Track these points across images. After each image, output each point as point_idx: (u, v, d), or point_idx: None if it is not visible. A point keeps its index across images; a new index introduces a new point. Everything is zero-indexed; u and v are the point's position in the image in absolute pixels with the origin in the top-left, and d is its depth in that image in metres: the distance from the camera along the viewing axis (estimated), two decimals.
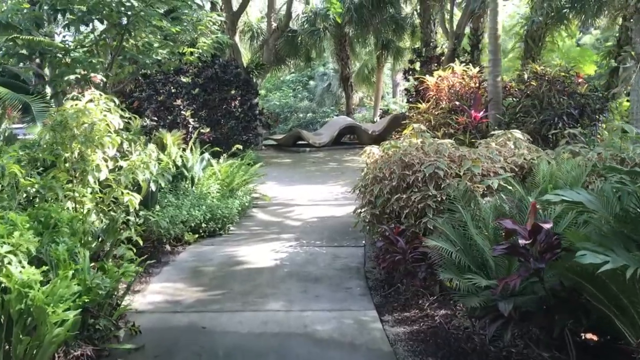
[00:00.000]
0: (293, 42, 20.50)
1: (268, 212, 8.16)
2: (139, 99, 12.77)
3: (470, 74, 9.08)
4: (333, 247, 6.24)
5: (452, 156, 5.04)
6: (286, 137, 17.81)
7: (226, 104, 13.49)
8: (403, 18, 20.88)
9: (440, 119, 8.78)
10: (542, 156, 5.29)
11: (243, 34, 21.46)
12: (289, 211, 8.21)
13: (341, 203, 8.75)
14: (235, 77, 13.73)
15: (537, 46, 15.81)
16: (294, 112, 27.61)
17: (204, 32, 8.82)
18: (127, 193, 4.92)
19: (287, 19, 17.15)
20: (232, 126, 13.27)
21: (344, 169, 13.07)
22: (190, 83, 13.03)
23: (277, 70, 23.49)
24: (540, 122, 7.43)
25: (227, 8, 15.95)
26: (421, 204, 4.55)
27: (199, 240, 6.57)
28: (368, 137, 17.51)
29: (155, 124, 12.44)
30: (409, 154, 5.02)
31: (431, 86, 9.52)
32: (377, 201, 5.09)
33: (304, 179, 11.55)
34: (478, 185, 4.59)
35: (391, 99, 33.21)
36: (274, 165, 14.05)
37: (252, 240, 6.60)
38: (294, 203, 8.83)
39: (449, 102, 9.06)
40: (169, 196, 6.58)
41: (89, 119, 4.90)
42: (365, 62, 26.00)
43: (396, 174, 4.91)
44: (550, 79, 7.57)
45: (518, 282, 3.02)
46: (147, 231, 5.90)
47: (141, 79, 13.18)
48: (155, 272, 5.49)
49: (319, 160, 14.86)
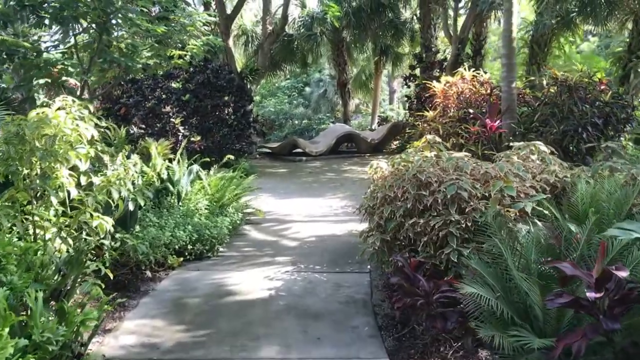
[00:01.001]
0: (289, 46, 19.88)
1: (262, 230, 7.45)
2: (125, 105, 12.06)
3: (481, 79, 8.43)
4: (335, 273, 5.53)
5: (476, 174, 4.37)
6: (281, 146, 17.12)
7: (219, 111, 12.80)
8: (402, 23, 20.30)
9: (449, 128, 8.12)
10: (577, 173, 4.63)
11: (237, 39, 20.80)
12: (285, 229, 7.51)
13: (341, 219, 8.06)
14: (228, 83, 13.04)
15: (543, 51, 15.26)
16: (289, 119, 27.17)
17: (194, 33, 8.15)
18: (96, 216, 4.20)
19: (283, 22, 16.51)
20: (224, 134, 12.57)
21: (343, 180, 12.38)
22: (181, 89, 12.33)
23: (272, 76, 22.84)
24: (562, 132, 6.77)
25: (221, 11, 15.27)
26: (442, 231, 3.87)
27: (184, 264, 5.86)
28: (367, 145, 16.87)
29: (143, 132, 11.74)
30: (425, 170, 4.33)
31: (438, 93, 8.87)
32: (387, 225, 4.40)
33: (301, 191, 10.86)
34: (509, 209, 3.91)
35: (388, 106, 32.72)
36: (269, 175, 13.35)
37: (243, 265, 5.89)
38: (290, 219, 8.12)
39: (458, 110, 8.40)
40: (150, 215, 5.86)
41: (53, 130, 4.19)
42: (362, 68, 25.40)
43: (410, 194, 4.23)
44: (571, 85, 6.92)
45: (584, 345, 2.33)
46: (124, 255, 5.20)
47: (129, 84, 12.51)
48: (132, 304, 4.78)
49: (315, 170, 14.16)
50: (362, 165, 14.66)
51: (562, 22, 15.51)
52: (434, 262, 3.89)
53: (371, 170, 5.38)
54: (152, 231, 5.56)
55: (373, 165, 5.37)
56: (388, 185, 4.60)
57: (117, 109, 12.32)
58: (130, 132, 11.72)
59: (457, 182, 4.04)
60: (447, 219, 3.91)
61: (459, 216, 3.91)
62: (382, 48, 21.40)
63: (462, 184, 4.02)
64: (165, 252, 5.61)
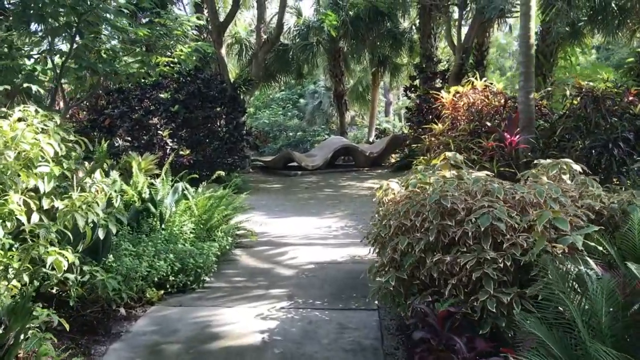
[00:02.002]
0: (284, 56, 19.25)
1: (254, 255, 6.70)
2: (110, 116, 11.35)
3: (494, 89, 7.77)
4: (338, 310, 4.79)
5: (509, 199, 3.66)
6: (276, 159, 16.41)
7: (210, 123, 12.09)
8: (401, 32, 19.73)
9: (459, 143, 7.44)
10: (626, 198, 3.93)
11: (230, 48, 20.17)
12: (280, 253, 6.77)
13: (341, 242, 7.34)
14: (220, 93, 12.36)
15: (549, 62, 14.68)
16: (284, 131, 26.73)
17: (181, 38, 7.47)
18: (52, 251, 3.45)
19: (278, 30, 15.87)
20: (215, 147, 11.85)
21: (341, 196, 11.66)
22: (170, 99, 11.62)
23: (267, 87, 22.20)
24: (589, 148, 6.10)
25: (213, 18, 14.62)
26: (476, 272, 3.14)
27: (165, 298, 5.10)
28: (365, 159, 16.21)
29: (129, 145, 11.01)
30: (449, 195, 3.62)
31: (446, 104, 8.20)
32: (404, 260, 3.68)
33: (297, 209, 10.13)
34: (555, 244, 3.20)
35: (383, 118, 32.26)
36: (263, 191, 12.62)
37: (232, 299, 5.13)
38: (286, 241, 7.39)
39: (469, 123, 7.74)
40: (126, 243, 5.09)
41: (1, 145, 3.47)
42: (359, 79, 24.81)
43: (433, 224, 3.51)
44: (598, 95, 6.26)
45: None
46: (94, 291, 4.45)
47: (115, 94, 11.82)
48: (99, 351, 4.02)
49: (312, 185, 13.44)
50: (360, 181, 13.96)
51: (569, 32, 14.98)
52: (464, 310, 3.17)
53: (380, 192, 4.66)
54: (128, 262, 4.80)
55: (382, 186, 4.65)
56: (402, 211, 3.89)
57: (102, 120, 11.61)
58: (115, 144, 11.01)
59: (490, 210, 3.33)
60: (481, 257, 3.19)
61: (495, 253, 3.20)
62: (380, 58, 20.82)
63: (497, 212, 3.32)
64: (143, 285, 4.86)
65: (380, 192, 4.65)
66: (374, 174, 15.22)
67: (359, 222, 8.72)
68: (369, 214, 9.64)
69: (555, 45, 14.63)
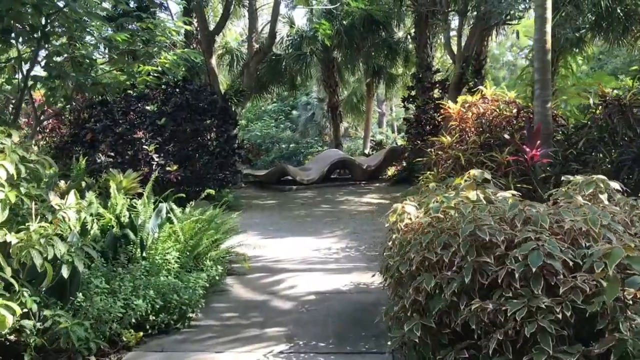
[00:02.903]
0: (277, 67, 18.68)
1: (248, 284, 6.02)
2: (92, 131, 10.66)
3: (506, 99, 7.19)
4: (345, 355, 4.11)
5: (555, 228, 3.03)
6: (269, 173, 15.73)
7: (199, 136, 11.42)
8: (396, 42, 19.23)
9: (470, 156, 6.84)
10: None
11: (221, 58, 19.57)
12: (276, 282, 6.09)
13: (343, 266, 6.68)
14: (210, 105, 11.70)
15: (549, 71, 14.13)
16: (276, 143, 26.28)
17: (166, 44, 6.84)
18: None
19: (270, 40, 15.28)
20: (205, 162, 11.18)
21: (340, 213, 11.01)
22: (156, 111, 10.95)
23: (259, 99, 21.59)
24: (618, 162, 5.50)
25: (202, 27, 14.01)
26: (530, 326, 2.50)
27: (145, 341, 4.39)
28: (362, 172, 15.59)
29: (112, 161, 10.31)
30: (485, 225, 2.99)
31: (454, 114, 7.61)
32: (430, 305, 3.03)
33: (293, 228, 9.45)
34: (622, 288, 2.57)
35: (377, 130, 31.84)
36: (256, 208, 11.94)
37: (222, 341, 4.44)
38: (282, 267, 6.72)
39: (479, 135, 7.14)
40: (97, 279, 4.38)
41: None
42: (354, 90, 24.28)
43: (467, 261, 2.87)
44: (625, 104, 5.69)
45: None
46: (57, 341, 3.76)
47: (99, 106, 11.15)
48: None
49: (308, 201, 12.77)
50: (359, 195, 13.32)
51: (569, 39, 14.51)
52: None
53: (394, 216, 4.01)
54: (100, 301, 4.11)
55: (397, 210, 3.99)
56: (425, 242, 3.25)
57: (83, 134, 10.92)
58: (97, 160, 10.31)
59: (541, 244, 2.69)
60: (532, 305, 2.55)
61: (550, 300, 2.56)
62: (375, 69, 20.29)
63: (548, 247, 2.68)
64: (118, 328, 4.17)
65: (393, 217, 4.00)
66: (372, 188, 14.58)
67: (361, 242, 8.08)
68: (370, 232, 9.05)
69: (556, 53, 14.13)
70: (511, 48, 35.81)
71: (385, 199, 12.58)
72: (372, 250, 7.57)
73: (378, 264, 6.75)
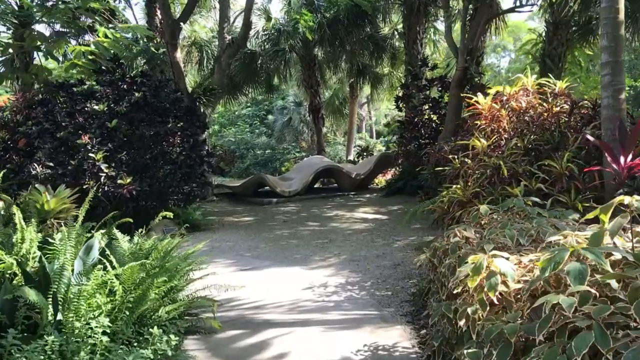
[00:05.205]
0: (251, 65, 16.86)
1: (216, 353, 4.17)
2: (26, 135, 8.69)
3: (556, 90, 5.55)
4: None
5: None
6: (245, 184, 13.85)
7: (160, 142, 9.51)
8: (383, 38, 17.60)
9: (514, 166, 5.16)
10: None
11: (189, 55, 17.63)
12: (259, 346, 4.25)
13: (349, 315, 4.91)
14: (173, 105, 9.82)
15: (557, 67, 12.71)
16: (251, 149, 24.69)
17: (102, 14, 5.00)
18: None
19: (244, 30, 13.42)
20: (167, 173, 9.27)
21: (331, 232, 9.22)
22: (106, 112, 9.01)
23: (232, 101, 19.68)
24: None
25: (166, 15, 12.08)
26: None
27: None
28: (351, 181, 13.87)
29: (51, 172, 8.34)
30: None
31: (484, 111, 5.93)
32: None
33: (275, 254, 7.65)
34: None
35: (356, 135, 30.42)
36: (230, 227, 10.08)
37: None
38: (265, 318, 4.90)
39: (521, 137, 5.47)
40: None
41: None
42: (335, 91, 22.60)
43: None
44: None
45: None
46: None
47: (38, 106, 9.21)
48: None
49: (292, 217, 10.94)
50: (350, 209, 11.54)
51: (579, 32, 13.12)
52: None
53: (477, 277, 2.25)
54: None
55: (479, 265, 2.23)
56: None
57: (16, 140, 8.95)
58: (33, 172, 8.33)
59: None
60: None
61: None
62: (360, 67, 18.62)
63: None
64: None
65: (476, 279, 2.24)
66: (364, 200, 12.82)
67: (364, 275, 6.33)
68: (373, 260, 7.24)
69: (564, 47, 12.73)
70: (495, 49, 34.59)
71: (382, 213, 10.85)
72: (381, 287, 5.82)
73: (394, 310, 5.05)
